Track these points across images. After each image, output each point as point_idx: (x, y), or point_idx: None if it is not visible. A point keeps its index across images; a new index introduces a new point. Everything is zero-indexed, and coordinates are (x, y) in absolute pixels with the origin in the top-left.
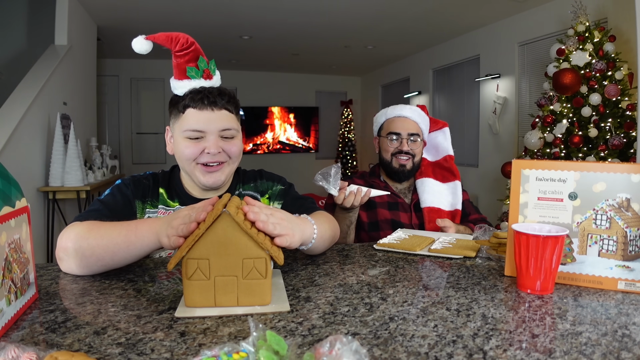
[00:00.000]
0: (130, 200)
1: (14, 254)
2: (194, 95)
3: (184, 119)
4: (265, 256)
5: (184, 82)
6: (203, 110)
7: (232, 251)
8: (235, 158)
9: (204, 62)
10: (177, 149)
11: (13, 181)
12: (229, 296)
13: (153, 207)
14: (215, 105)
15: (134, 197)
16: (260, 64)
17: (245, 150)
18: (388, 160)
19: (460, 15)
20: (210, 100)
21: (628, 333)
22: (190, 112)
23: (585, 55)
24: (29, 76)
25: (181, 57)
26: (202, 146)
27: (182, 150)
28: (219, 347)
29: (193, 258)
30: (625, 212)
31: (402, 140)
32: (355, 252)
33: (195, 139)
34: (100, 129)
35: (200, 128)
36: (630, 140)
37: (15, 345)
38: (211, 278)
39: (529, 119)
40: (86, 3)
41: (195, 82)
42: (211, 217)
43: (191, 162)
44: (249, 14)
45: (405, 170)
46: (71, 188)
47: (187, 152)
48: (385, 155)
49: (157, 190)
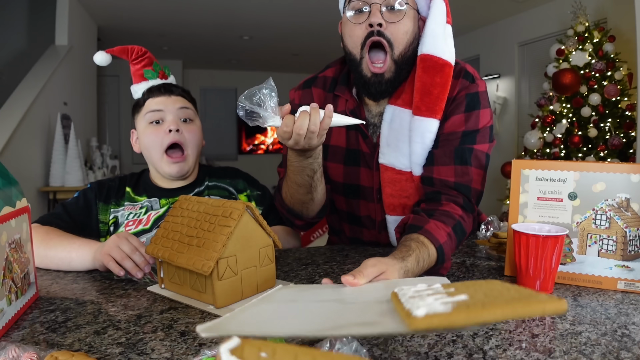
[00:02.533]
0: (92, 204)
1: (14, 254)
2: (151, 89)
3: (145, 108)
4: (271, 243)
5: (142, 84)
6: (160, 96)
7: (253, 244)
8: (194, 145)
9: (158, 66)
10: (142, 142)
11: (13, 181)
12: (252, 287)
13: (118, 205)
14: (171, 93)
15: (97, 199)
16: (260, 64)
17: (245, 150)
18: (356, 59)
19: (460, 15)
20: (166, 88)
21: (627, 333)
22: (149, 101)
23: (585, 55)
24: (30, 76)
25: (137, 64)
26: (163, 129)
27: (146, 140)
28: (219, 347)
29: (224, 257)
30: (624, 212)
31: (372, 6)
32: (356, 252)
33: (157, 123)
34: (100, 129)
35: (159, 107)
36: (630, 140)
37: (15, 345)
38: (238, 273)
39: (529, 119)
40: (86, 3)
41: (152, 82)
42: (237, 214)
43: (157, 150)
44: (249, 14)
45: (382, 80)
46: (71, 188)
47: (151, 138)
48: (352, 46)
49: (122, 190)
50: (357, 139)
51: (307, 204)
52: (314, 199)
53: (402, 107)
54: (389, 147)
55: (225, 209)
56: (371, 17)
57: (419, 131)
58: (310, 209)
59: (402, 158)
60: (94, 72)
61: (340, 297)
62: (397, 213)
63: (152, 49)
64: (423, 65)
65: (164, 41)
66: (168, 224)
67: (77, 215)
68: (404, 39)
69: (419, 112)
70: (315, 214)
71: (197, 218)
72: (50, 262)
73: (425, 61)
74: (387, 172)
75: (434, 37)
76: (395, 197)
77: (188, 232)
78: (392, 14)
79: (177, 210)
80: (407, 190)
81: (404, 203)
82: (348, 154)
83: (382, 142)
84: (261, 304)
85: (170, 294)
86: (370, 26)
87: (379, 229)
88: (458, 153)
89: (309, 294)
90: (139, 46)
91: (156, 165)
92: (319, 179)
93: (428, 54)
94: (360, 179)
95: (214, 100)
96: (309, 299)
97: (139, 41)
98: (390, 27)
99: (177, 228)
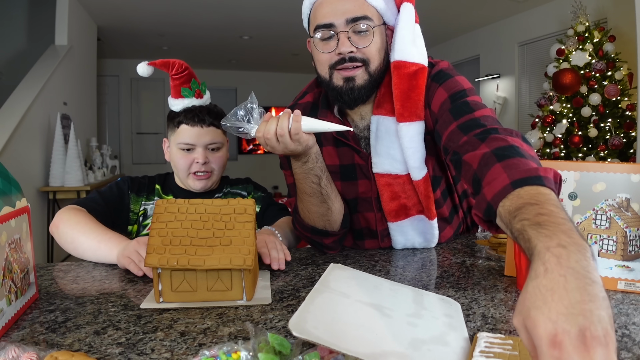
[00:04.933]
0: (125, 194)
1: (14, 254)
2: (186, 114)
3: (179, 133)
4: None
5: (179, 100)
6: (194, 127)
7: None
8: (219, 167)
9: (195, 84)
10: (172, 158)
11: (13, 181)
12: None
13: (148, 200)
14: (204, 123)
15: (130, 190)
16: (260, 64)
17: (245, 150)
18: (326, 79)
19: (460, 15)
20: (200, 118)
21: (628, 333)
22: (183, 128)
23: (585, 55)
24: (29, 76)
25: (177, 79)
26: (192, 157)
27: (176, 160)
28: (217, 347)
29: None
30: (625, 212)
31: (339, 34)
32: (356, 252)
33: (187, 150)
34: (100, 129)
35: (191, 142)
36: (630, 140)
37: (15, 345)
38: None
39: (529, 119)
40: (86, 3)
41: (188, 101)
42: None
43: (185, 171)
44: (249, 14)
45: (354, 87)
46: (71, 188)
47: (181, 162)
48: (321, 69)
49: (153, 186)
50: (350, 155)
51: (327, 216)
52: (331, 208)
53: (386, 116)
54: (380, 156)
55: (236, 206)
56: (340, 46)
57: (407, 137)
58: (332, 220)
59: (395, 163)
60: (93, 72)
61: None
62: (400, 218)
63: (152, 49)
64: (397, 72)
65: (164, 41)
66: (163, 230)
67: (111, 200)
68: (377, 56)
69: (402, 119)
70: (340, 225)
71: (205, 219)
72: (78, 246)
73: (399, 68)
74: (383, 178)
75: (404, 42)
76: (394, 201)
77: (201, 235)
78: (360, 37)
79: (167, 216)
80: (406, 191)
81: (403, 204)
82: (343, 170)
83: (373, 152)
84: (323, 291)
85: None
86: (340, 54)
87: (381, 238)
88: (453, 111)
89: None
90: (180, 61)
91: (182, 180)
92: (327, 186)
93: (401, 60)
94: (359, 192)
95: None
96: (355, 298)
97: (139, 41)
98: (361, 49)
99: (182, 233)
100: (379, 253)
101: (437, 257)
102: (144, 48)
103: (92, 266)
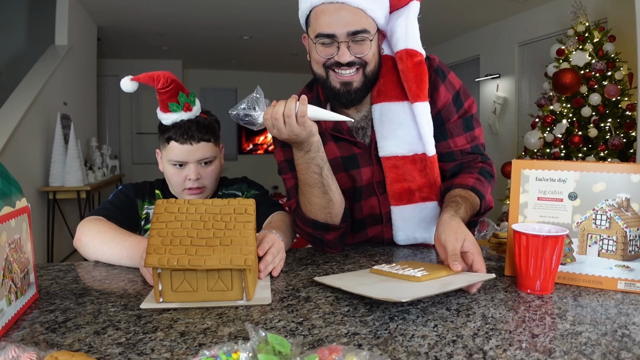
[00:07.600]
0: (132, 200)
1: (14, 254)
2: (176, 130)
3: (169, 149)
4: None
5: (168, 114)
6: (184, 144)
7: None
8: (212, 181)
9: (183, 97)
10: (165, 172)
11: (13, 181)
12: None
13: (150, 204)
14: (193, 140)
15: (135, 196)
16: (260, 64)
17: (245, 150)
18: (322, 76)
19: (460, 15)
20: (189, 135)
21: (628, 333)
22: (173, 144)
23: (585, 55)
24: (29, 76)
25: (164, 94)
26: (184, 174)
27: (170, 176)
28: (217, 347)
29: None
30: (625, 212)
31: (340, 44)
32: (356, 252)
33: (180, 166)
34: (100, 129)
35: (182, 160)
36: (630, 140)
37: (15, 345)
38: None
39: (529, 119)
40: (86, 3)
41: (176, 115)
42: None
43: (178, 187)
44: (249, 14)
45: (351, 90)
46: (71, 188)
47: (174, 178)
48: (317, 67)
49: (153, 191)
50: (349, 146)
51: (328, 208)
52: (333, 200)
53: (390, 102)
54: (386, 139)
55: (236, 206)
56: (340, 55)
57: (424, 115)
58: (334, 212)
59: (402, 144)
60: (93, 72)
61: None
62: (403, 202)
63: (152, 49)
64: (411, 59)
65: (164, 41)
66: (164, 230)
67: (122, 208)
68: (373, 60)
69: (418, 99)
70: (341, 219)
71: (205, 219)
72: (102, 254)
73: (413, 56)
74: (390, 160)
75: (415, 35)
76: (398, 182)
77: (201, 235)
78: (359, 46)
79: (167, 216)
80: (410, 172)
81: (407, 187)
82: (345, 160)
83: (378, 137)
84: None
85: (175, 305)
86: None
87: (385, 222)
88: (465, 122)
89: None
90: (166, 73)
91: (177, 194)
92: (328, 176)
93: (413, 49)
94: (364, 179)
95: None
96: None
97: (139, 41)
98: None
99: (182, 233)
100: (379, 253)
101: (437, 257)
102: (144, 48)
103: (92, 266)
